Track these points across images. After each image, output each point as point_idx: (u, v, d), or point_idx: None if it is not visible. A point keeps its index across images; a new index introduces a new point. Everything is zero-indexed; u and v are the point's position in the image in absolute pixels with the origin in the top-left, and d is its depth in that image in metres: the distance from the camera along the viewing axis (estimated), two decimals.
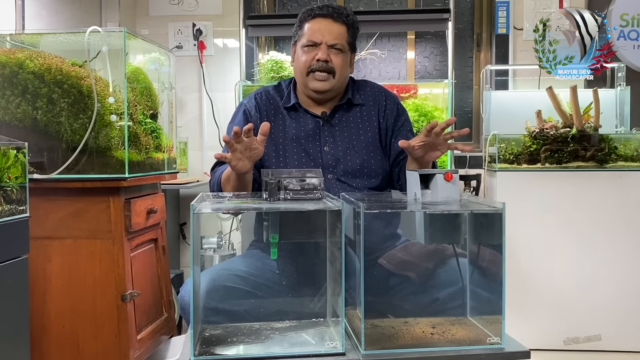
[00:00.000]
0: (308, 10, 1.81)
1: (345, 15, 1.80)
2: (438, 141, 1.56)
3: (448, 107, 2.98)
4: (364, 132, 1.82)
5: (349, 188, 1.75)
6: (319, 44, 1.76)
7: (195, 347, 1.20)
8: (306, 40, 1.77)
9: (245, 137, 1.48)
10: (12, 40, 2.17)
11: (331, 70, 1.76)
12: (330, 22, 1.77)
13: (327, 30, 1.77)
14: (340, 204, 1.21)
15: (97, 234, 2.05)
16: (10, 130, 2.02)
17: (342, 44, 1.78)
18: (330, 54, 1.76)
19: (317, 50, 1.76)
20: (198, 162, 3.56)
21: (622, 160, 2.68)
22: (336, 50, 1.77)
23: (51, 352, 2.04)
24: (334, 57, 1.76)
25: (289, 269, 1.51)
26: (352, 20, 1.82)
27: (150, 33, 3.54)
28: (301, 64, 1.78)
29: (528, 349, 1.22)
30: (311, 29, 1.78)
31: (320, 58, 1.75)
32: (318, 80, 1.76)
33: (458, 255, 1.43)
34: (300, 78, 1.81)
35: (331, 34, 1.76)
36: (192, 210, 1.18)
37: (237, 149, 1.49)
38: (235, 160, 1.51)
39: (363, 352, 1.19)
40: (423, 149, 1.56)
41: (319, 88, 1.77)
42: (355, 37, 1.85)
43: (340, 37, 1.78)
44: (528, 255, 2.66)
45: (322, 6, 1.80)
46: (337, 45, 1.77)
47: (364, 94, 1.88)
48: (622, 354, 2.62)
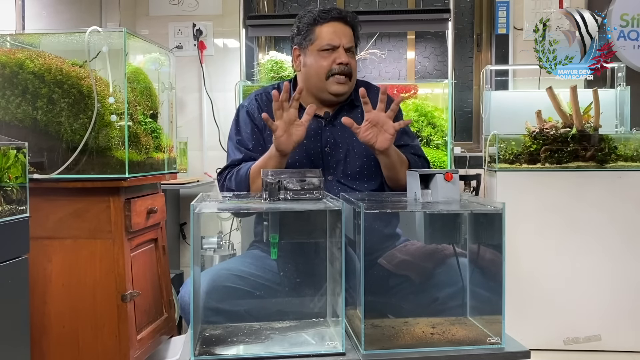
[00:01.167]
0: (321, 13, 1.78)
1: (353, 17, 1.81)
2: (380, 119, 1.59)
3: (448, 107, 2.98)
4: None
5: (349, 190, 1.75)
6: (337, 47, 1.75)
7: (195, 347, 1.20)
8: (325, 44, 1.75)
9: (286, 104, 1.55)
10: (12, 40, 2.17)
11: (350, 73, 1.77)
12: (343, 25, 1.78)
13: (342, 33, 1.77)
14: (340, 204, 1.21)
15: (97, 234, 2.05)
16: (10, 130, 2.02)
17: (354, 47, 1.81)
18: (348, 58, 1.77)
19: (335, 54, 1.75)
20: (198, 162, 3.56)
21: (622, 160, 2.68)
22: (351, 53, 1.78)
23: (51, 352, 2.04)
24: (351, 60, 1.78)
25: (289, 269, 1.51)
26: (358, 23, 1.84)
27: (150, 33, 3.54)
28: (320, 68, 1.76)
29: (528, 349, 1.22)
30: (328, 32, 1.76)
31: (342, 62, 1.74)
32: (339, 84, 1.75)
33: (458, 255, 1.43)
34: (317, 82, 1.78)
35: (346, 37, 1.77)
36: (192, 210, 1.18)
37: (283, 117, 1.52)
38: (281, 131, 1.54)
39: (363, 352, 1.19)
40: (372, 132, 1.60)
41: (340, 91, 1.77)
42: (358, 39, 1.86)
43: (352, 39, 1.80)
44: (528, 255, 2.66)
45: (332, 9, 1.79)
46: (352, 48, 1.79)
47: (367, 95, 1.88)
48: (622, 354, 2.62)
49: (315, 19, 1.78)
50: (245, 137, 1.79)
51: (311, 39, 1.78)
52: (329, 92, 1.77)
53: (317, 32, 1.77)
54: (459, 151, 3.29)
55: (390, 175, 1.72)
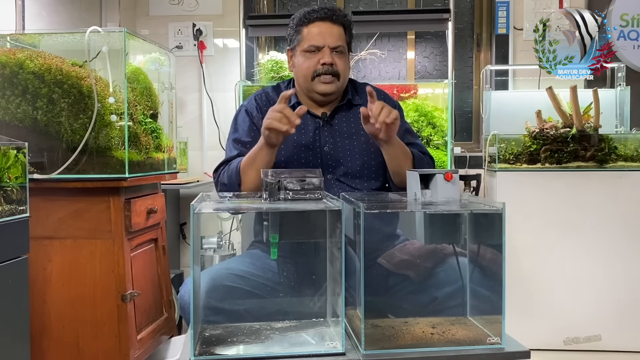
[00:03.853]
0: (305, 14, 1.79)
1: (342, 16, 1.80)
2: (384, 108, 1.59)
3: (448, 107, 2.98)
4: (364, 132, 1.80)
5: (349, 189, 1.75)
6: (322, 48, 1.75)
7: (195, 347, 1.20)
8: (308, 45, 1.76)
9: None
10: (12, 40, 2.17)
11: (336, 73, 1.76)
12: (330, 25, 1.77)
13: (328, 33, 1.76)
14: (340, 204, 1.21)
15: (97, 234, 2.05)
16: (10, 130, 2.02)
17: (343, 46, 1.79)
18: (333, 57, 1.75)
19: (320, 54, 1.75)
20: (198, 162, 3.56)
21: (622, 160, 2.68)
22: (338, 53, 1.77)
23: (51, 352, 2.04)
24: (337, 59, 1.76)
25: (289, 269, 1.51)
26: (349, 21, 1.82)
27: (150, 33, 3.54)
28: (305, 69, 1.77)
29: (528, 349, 1.22)
30: (312, 32, 1.77)
31: (326, 62, 1.74)
32: (324, 83, 1.76)
33: (458, 255, 1.43)
34: (304, 83, 1.80)
35: (332, 37, 1.76)
36: (192, 210, 1.18)
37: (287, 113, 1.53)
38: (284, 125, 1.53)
39: (363, 352, 1.19)
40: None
41: (326, 91, 1.77)
42: (352, 37, 1.85)
43: (340, 38, 1.78)
44: (528, 255, 2.66)
45: (318, 9, 1.79)
46: (339, 48, 1.77)
47: (363, 96, 1.86)
48: (622, 354, 2.62)
49: (302, 19, 1.79)
50: (242, 133, 1.80)
51: (298, 40, 1.79)
52: (316, 92, 1.78)
53: (304, 33, 1.78)
54: (459, 151, 3.29)
55: (394, 168, 1.71)
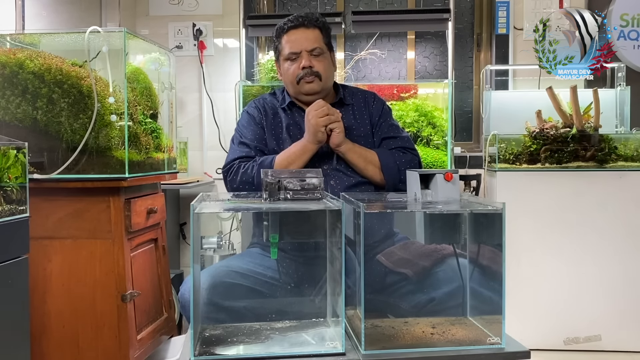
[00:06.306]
0: (280, 26, 1.92)
1: (315, 19, 1.91)
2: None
3: (448, 107, 2.98)
4: (357, 128, 1.90)
5: (345, 177, 1.79)
6: (299, 53, 1.87)
7: (195, 347, 1.20)
8: (287, 53, 1.89)
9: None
10: (12, 40, 2.17)
11: (317, 73, 1.87)
12: (303, 31, 1.89)
13: (303, 39, 1.88)
14: (340, 204, 1.21)
15: (97, 234, 2.05)
16: (10, 130, 2.02)
17: (320, 47, 1.90)
18: (312, 60, 1.87)
19: (300, 59, 1.87)
20: (198, 162, 3.56)
21: (622, 160, 2.68)
22: (317, 55, 1.88)
23: (51, 352, 2.04)
24: (316, 61, 1.88)
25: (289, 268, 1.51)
26: (323, 23, 1.93)
27: (150, 33, 3.54)
28: (290, 75, 1.89)
29: (528, 349, 1.22)
30: (288, 41, 1.89)
31: (304, 65, 1.87)
32: (307, 83, 1.88)
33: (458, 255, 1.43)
34: (292, 88, 1.92)
35: (308, 41, 1.88)
36: (192, 210, 1.18)
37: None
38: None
39: (363, 352, 1.19)
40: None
41: (310, 89, 1.89)
42: (330, 37, 1.96)
43: (316, 41, 1.89)
44: (528, 255, 2.66)
45: (292, 18, 1.91)
46: (315, 50, 1.88)
47: (355, 97, 1.99)
48: (622, 354, 2.62)
49: (278, 31, 1.93)
50: (248, 133, 1.89)
51: (279, 50, 1.93)
52: (303, 94, 1.90)
53: (283, 43, 1.92)
54: (459, 151, 3.29)
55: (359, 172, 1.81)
